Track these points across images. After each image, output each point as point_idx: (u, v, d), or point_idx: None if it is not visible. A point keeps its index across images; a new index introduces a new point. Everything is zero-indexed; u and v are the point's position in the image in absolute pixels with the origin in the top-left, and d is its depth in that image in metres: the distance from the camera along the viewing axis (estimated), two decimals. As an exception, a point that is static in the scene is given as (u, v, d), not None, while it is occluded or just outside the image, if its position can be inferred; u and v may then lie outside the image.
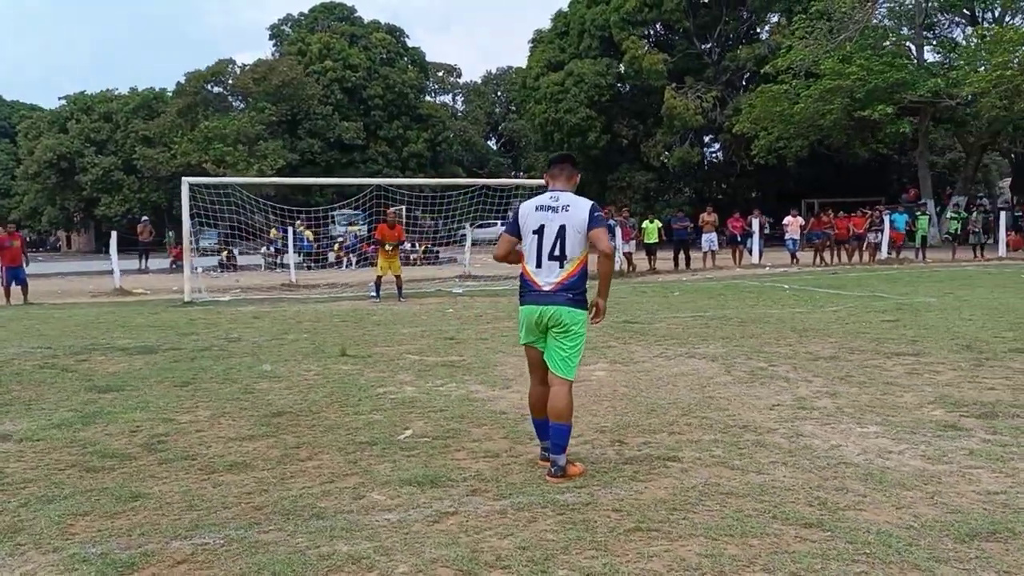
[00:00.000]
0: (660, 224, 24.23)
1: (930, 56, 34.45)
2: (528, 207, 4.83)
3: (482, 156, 68.44)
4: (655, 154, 44.40)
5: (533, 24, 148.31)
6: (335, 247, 31.18)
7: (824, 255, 24.51)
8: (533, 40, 51.12)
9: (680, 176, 45.69)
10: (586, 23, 44.91)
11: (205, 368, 8.40)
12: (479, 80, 77.73)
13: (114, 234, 20.51)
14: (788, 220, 25.08)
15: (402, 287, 16.49)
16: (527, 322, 4.79)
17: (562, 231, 4.65)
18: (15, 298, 17.27)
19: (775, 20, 41.82)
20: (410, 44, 63.81)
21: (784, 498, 4.10)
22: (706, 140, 47.81)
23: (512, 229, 4.90)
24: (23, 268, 17.82)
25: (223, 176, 36.23)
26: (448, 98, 75.43)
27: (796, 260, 24.22)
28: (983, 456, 4.76)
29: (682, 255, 23.56)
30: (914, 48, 34.24)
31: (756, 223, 24.75)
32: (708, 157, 49.85)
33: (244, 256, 31.42)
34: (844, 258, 24.49)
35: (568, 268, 4.66)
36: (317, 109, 53.81)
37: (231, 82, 54.41)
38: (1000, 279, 17.58)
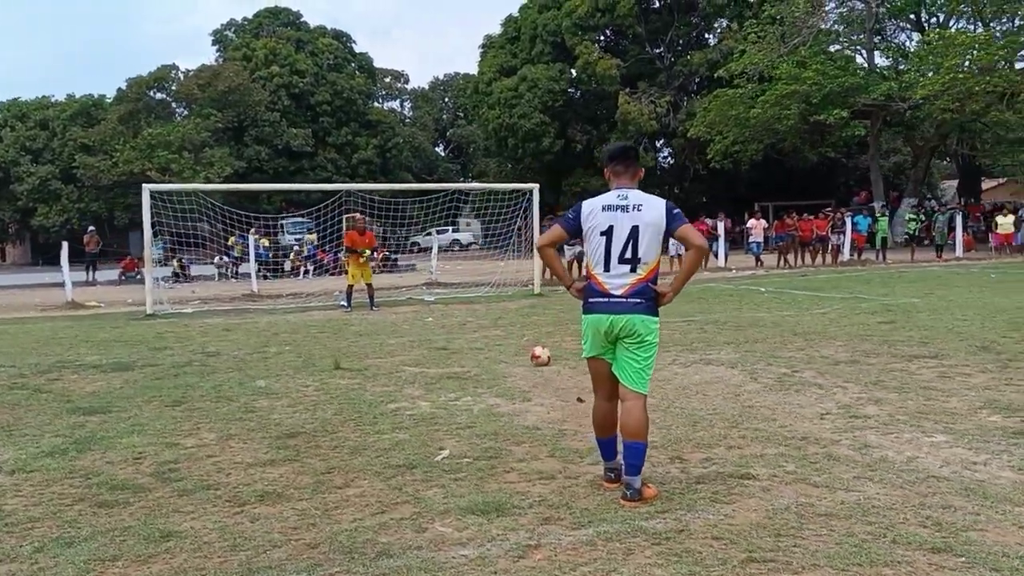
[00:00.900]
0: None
1: (880, 61, 35.03)
2: (593, 205, 4.36)
3: (431, 162, 67.76)
4: (609, 159, 44.26)
5: (474, 29, 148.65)
6: (291, 255, 30.34)
7: (788, 257, 24.60)
8: (484, 45, 50.67)
9: (634, 181, 45.64)
10: (538, 28, 44.70)
11: (192, 385, 7.83)
12: (426, 86, 77.21)
13: (65, 244, 19.52)
14: (752, 223, 25.14)
15: (374, 296, 15.96)
16: (594, 333, 4.31)
17: (634, 232, 4.23)
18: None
19: (724, 25, 42.14)
20: (357, 50, 62.98)
21: (892, 519, 3.78)
22: (658, 145, 47.93)
23: (570, 226, 4.42)
24: None
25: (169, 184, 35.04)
26: (396, 104, 74.68)
27: (760, 263, 24.26)
28: (1070, 464, 4.52)
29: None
30: (865, 53, 34.75)
31: (721, 226, 24.74)
32: (660, 162, 50.01)
33: (193, 267, 30.36)
34: (808, 260, 24.60)
35: (641, 272, 4.23)
36: (264, 115, 52.56)
37: (175, 88, 52.89)
38: (970, 279, 17.75)
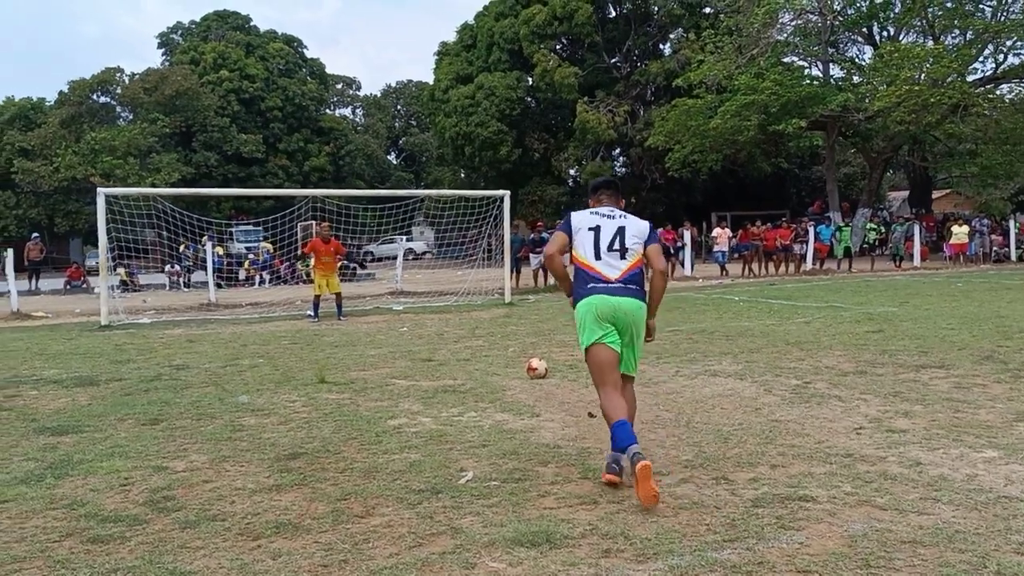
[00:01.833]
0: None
1: (836, 72, 35.46)
2: (582, 212, 4.74)
3: (384, 171, 66.98)
4: (566, 168, 44.23)
5: (424, 37, 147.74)
6: (245, 264, 29.46)
7: (753, 266, 24.61)
8: (439, 52, 50.14)
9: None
10: (495, 36, 44.41)
11: (168, 402, 7.28)
12: (379, 93, 76.43)
13: (10, 252, 18.58)
14: (717, 232, 25.10)
15: (342, 305, 15.43)
16: (595, 314, 4.43)
17: (621, 231, 4.57)
18: None
19: (681, 35, 42.33)
20: (308, 55, 62.02)
21: (983, 546, 3.48)
22: (614, 153, 47.95)
23: (568, 229, 4.72)
24: None
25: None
26: (348, 111, 73.76)
27: (725, 272, 24.22)
28: None
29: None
30: (821, 64, 35.16)
31: (688, 235, 24.66)
32: (616, 171, 50.04)
33: (140, 276, 29.27)
34: (772, 270, 24.64)
35: (630, 260, 4.54)
36: (213, 121, 51.39)
37: (119, 91, 51.30)
38: (938, 288, 17.84)
